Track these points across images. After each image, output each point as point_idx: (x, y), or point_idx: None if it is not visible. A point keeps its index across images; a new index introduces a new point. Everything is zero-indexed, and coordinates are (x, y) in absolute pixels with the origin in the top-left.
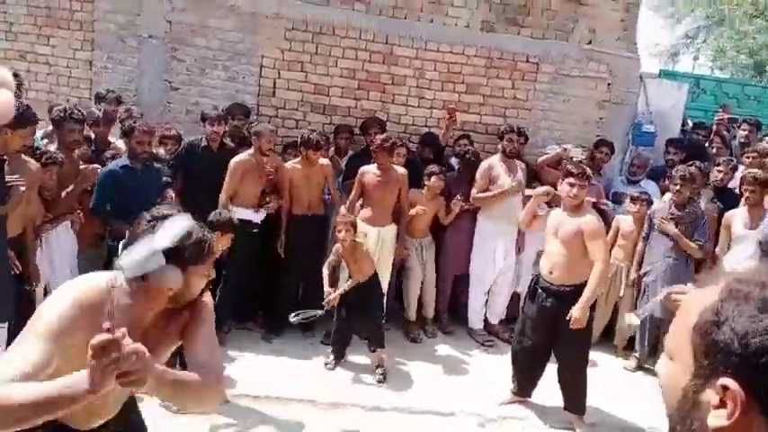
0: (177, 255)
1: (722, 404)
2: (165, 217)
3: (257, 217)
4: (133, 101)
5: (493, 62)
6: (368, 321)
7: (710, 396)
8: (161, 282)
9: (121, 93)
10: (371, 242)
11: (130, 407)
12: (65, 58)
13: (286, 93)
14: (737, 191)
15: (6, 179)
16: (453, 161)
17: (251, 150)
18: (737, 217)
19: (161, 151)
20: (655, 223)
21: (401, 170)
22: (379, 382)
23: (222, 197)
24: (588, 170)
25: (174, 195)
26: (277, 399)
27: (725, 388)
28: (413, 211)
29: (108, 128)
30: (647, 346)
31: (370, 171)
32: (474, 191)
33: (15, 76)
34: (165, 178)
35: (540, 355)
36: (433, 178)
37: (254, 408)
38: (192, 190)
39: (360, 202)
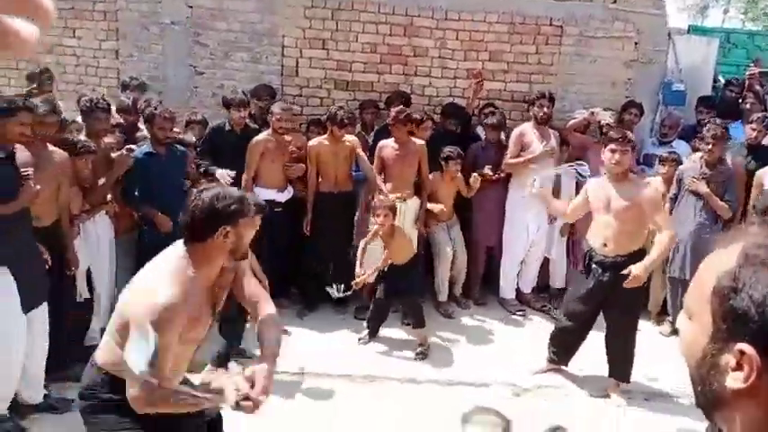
0: (226, 213)
1: (739, 367)
2: (207, 187)
3: (281, 197)
4: (160, 87)
5: (516, 28)
6: (408, 302)
7: (729, 359)
8: None
9: (148, 80)
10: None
11: None
12: (91, 48)
13: (309, 71)
14: None
15: (21, 171)
16: (480, 130)
17: (269, 130)
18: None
19: (188, 135)
20: (685, 183)
21: (419, 142)
22: (420, 359)
23: (243, 178)
24: (630, 134)
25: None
26: (313, 374)
27: (742, 352)
28: (433, 208)
29: (137, 115)
30: (680, 311)
31: (388, 145)
32: (506, 157)
33: (46, 70)
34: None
35: (586, 326)
36: (450, 163)
37: (291, 382)
38: None
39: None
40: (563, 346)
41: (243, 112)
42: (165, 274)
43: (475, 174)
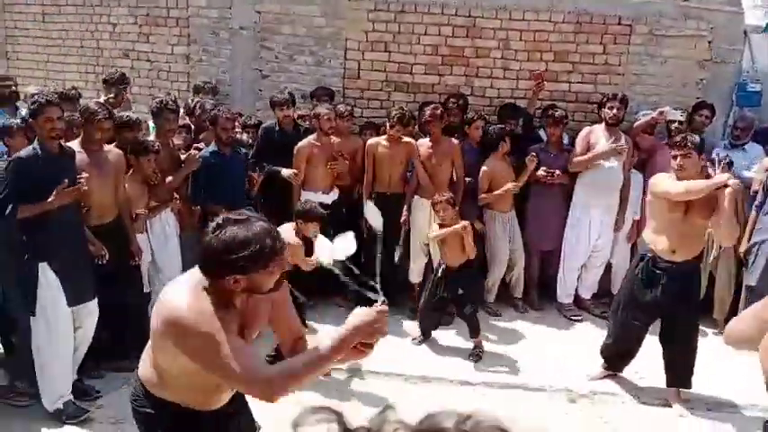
0: (236, 266)
1: None
2: (235, 221)
3: (327, 198)
4: (227, 90)
5: (582, 27)
6: (464, 310)
7: None
8: None
9: (217, 83)
10: (428, 216)
11: None
12: (163, 53)
13: (370, 73)
14: None
15: (78, 176)
16: (542, 134)
17: (314, 134)
18: None
19: (245, 137)
20: None
21: (454, 141)
22: (474, 360)
23: (295, 182)
24: (693, 137)
25: (256, 178)
26: (366, 372)
27: None
28: (504, 190)
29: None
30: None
31: (423, 144)
32: (572, 157)
33: (123, 76)
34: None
35: (643, 333)
36: (499, 143)
37: (343, 381)
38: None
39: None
40: (620, 351)
41: (288, 110)
42: (185, 289)
43: (532, 155)
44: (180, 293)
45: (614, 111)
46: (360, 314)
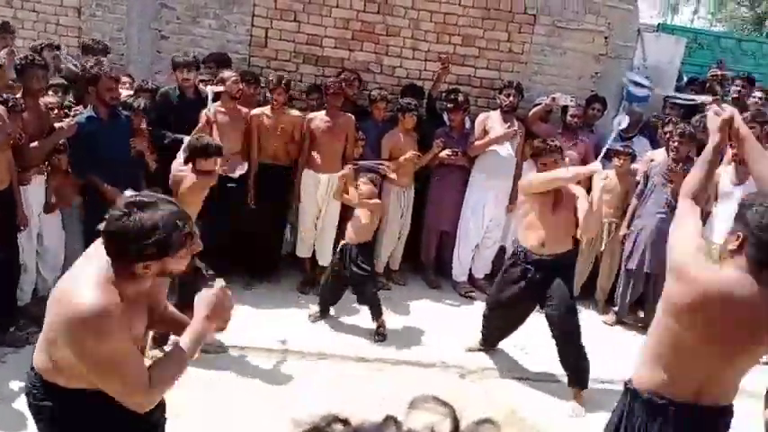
0: (146, 253)
1: None
2: (141, 205)
3: (238, 170)
4: (122, 50)
5: (490, 13)
6: (362, 291)
7: None
8: None
9: (110, 41)
10: (321, 190)
11: None
12: (52, 5)
13: (278, 43)
14: None
15: None
16: (446, 117)
17: (219, 101)
18: (724, 173)
19: (138, 101)
20: (653, 180)
21: (349, 116)
22: (378, 340)
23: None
24: (555, 142)
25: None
26: (264, 349)
27: None
28: (405, 157)
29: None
30: (628, 301)
31: (317, 117)
32: (470, 141)
33: (6, 24)
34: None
35: (517, 323)
36: (406, 115)
37: (240, 357)
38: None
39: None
40: (494, 331)
41: (187, 74)
42: (90, 277)
43: (438, 140)
44: (86, 289)
45: (510, 98)
46: (203, 300)
